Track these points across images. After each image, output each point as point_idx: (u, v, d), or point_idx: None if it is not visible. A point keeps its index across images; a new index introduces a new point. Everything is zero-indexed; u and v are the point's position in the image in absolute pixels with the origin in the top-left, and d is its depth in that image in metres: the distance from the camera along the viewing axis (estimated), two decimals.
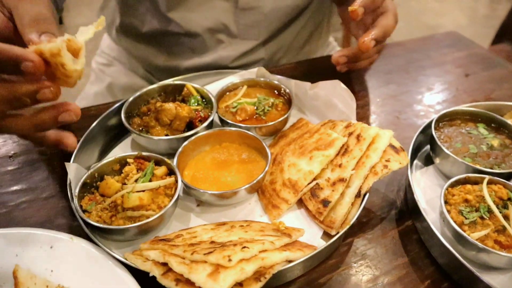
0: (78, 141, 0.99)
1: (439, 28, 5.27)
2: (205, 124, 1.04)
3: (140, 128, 1.07)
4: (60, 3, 1.25)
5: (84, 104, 1.71)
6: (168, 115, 1.03)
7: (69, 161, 0.93)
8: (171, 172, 0.93)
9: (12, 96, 0.71)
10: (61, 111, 0.77)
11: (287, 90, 1.17)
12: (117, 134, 1.13)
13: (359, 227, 0.94)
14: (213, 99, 1.11)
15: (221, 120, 1.11)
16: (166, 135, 1.04)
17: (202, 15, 1.37)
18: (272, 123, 1.07)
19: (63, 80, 0.73)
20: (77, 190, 0.87)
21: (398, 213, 0.98)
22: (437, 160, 1.03)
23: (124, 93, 1.65)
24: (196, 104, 1.12)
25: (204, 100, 1.15)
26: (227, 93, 1.20)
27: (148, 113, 1.10)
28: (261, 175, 0.92)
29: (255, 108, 1.12)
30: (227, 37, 1.46)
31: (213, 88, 1.19)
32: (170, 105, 1.04)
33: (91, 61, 1.79)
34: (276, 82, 1.20)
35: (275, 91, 1.20)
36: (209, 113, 1.09)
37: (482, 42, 2.00)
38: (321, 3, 1.56)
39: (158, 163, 0.94)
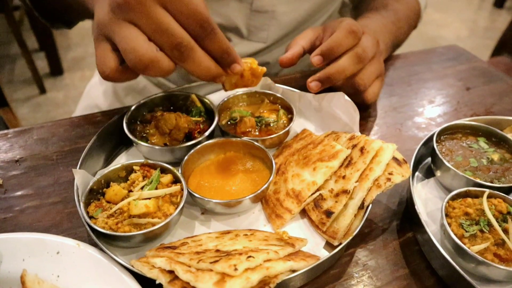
0: (84, 148, 1.01)
1: (440, 39, 5.32)
2: (203, 137, 1.04)
3: (141, 135, 1.07)
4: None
5: (87, 103, 1.73)
6: (167, 124, 1.04)
7: (75, 166, 0.95)
8: (176, 180, 0.94)
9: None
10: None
11: (290, 102, 1.17)
12: (123, 140, 1.13)
13: (361, 238, 0.95)
14: (215, 111, 1.11)
15: (223, 132, 1.11)
16: (165, 144, 1.04)
17: (214, 11, 1.39)
18: (273, 135, 1.07)
19: (251, 81, 1.01)
20: (83, 196, 0.88)
21: (399, 225, 1.00)
22: (438, 173, 1.05)
23: (127, 93, 1.66)
24: (198, 115, 1.12)
25: (207, 111, 1.14)
26: (229, 104, 1.20)
27: (151, 120, 1.10)
28: (266, 185, 0.93)
29: (257, 120, 1.13)
30: (235, 37, 1.47)
31: (217, 97, 1.20)
32: (170, 115, 1.05)
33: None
34: (279, 94, 1.21)
35: (278, 102, 1.21)
36: (209, 126, 1.08)
37: (482, 53, 2.03)
38: (333, 12, 1.57)
39: (163, 171, 0.95)
